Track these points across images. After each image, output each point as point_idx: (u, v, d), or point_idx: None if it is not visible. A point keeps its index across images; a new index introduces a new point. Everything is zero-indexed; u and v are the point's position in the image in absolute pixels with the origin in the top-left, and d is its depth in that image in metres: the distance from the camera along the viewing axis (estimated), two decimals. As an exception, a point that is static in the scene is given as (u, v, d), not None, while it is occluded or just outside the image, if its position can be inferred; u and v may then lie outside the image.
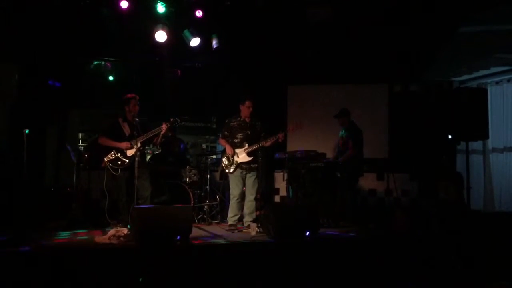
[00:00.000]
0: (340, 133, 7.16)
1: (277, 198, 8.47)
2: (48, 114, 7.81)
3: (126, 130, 6.09)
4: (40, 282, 4.11)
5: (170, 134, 7.24)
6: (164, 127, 5.91)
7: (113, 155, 5.96)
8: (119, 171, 5.93)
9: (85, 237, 5.44)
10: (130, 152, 5.94)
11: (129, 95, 6.12)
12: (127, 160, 5.93)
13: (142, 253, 4.55)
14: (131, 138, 5.94)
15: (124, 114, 6.14)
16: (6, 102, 7.23)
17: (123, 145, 5.95)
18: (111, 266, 4.37)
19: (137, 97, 6.11)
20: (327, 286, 4.73)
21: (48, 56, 7.44)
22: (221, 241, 5.37)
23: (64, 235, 5.55)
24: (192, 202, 6.79)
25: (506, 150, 8.29)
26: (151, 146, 7.41)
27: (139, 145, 5.82)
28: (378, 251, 5.20)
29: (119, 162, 5.93)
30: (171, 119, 5.98)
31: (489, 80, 8.67)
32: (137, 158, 5.70)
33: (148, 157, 7.66)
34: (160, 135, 6.01)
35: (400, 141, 8.52)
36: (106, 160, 5.94)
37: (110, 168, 5.92)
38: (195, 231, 5.65)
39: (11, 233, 4.93)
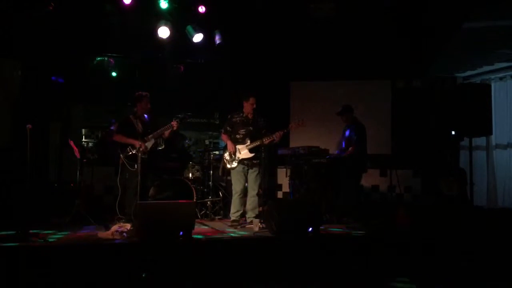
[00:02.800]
0: (344, 129, 7.15)
1: (279, 194, 8.48)
2: (51, 110, 7.81)
3: (139, 127, 6.16)
4: (44, 278, 4.13)
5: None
6: (174, 124, 6.01)
7: (129, 151, 6.00)
8: (135, 167, 5.96)
9: (88, 233, 5.45)
10: (146, 148, 6.00)
11: (142, 93, 6.22)
12: (144, 156, 5.99)
13: (145, 249, 4.57)
14: (144, 135, 6.06)
15: (135, 111, 6.19)
16: (9, 98, 7.23)
17: (137, 143, 5.99)
18: (114, 261, 4.39)
19: (148, 95, 6.21)
20: (329, 282, 4.73)
21: (51, 52, 7.44)
22: (224, 237, 5.38)
23: (67, 231, 5.56)
24: (195, 198, 6.79)
25: (509, 146, 8.27)
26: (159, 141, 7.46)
27: (153, 141, 5.97)
28: (381, 247, 5.20)
29: (136, 158, 5.94)
30: (180, 116, 6.04)
31: (492, 76, 8.63)
32: (141, 156, 5.74)
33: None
34: (170, 131, 6.11)
35: (403, 138, 8.50)
36: (122, 156, 6.00)
37: (127, 164, 5.99)
38: (198, 227, 5.67)
39: (14, 228, 4.95)
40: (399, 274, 4.78)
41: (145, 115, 6.17)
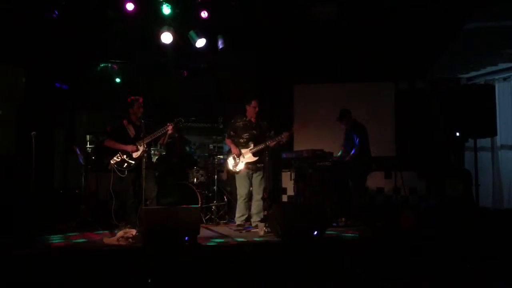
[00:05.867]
0: (345, 132, 7.15)
1: (284, 198, 8.47)
2: (56, 116, 7.85)
3: (131, 132, 6.13)
4: (49, 283, 4.13)
5: (176, 135, 7.26)
6: (169, 127, 5.96)
7: (119, 157, 6.01)
8: (126, 173, 5.97)
9: (94, 239, 5.46)
10: (136, 154, 5.98)
11: (132, 98, 6.17)
12: (133, 162, 5.98)
13: (151, 254, 4.57)
14: (136, 140, 5.99)
15: (129, 116, 6.19)
16: (13, 105, 7.26)
17: (129, 148, 6.00)
18: (120, 267, 4.40)
19: (140, 99, 6.16)
20: (334, 285, 4.72)
21: (55, 58, 7.48)
22: (229, 241, 5.38)
23: (72, 237, 5.57)
24: (199, 202, 6.79)
25: (514, 147, 8.23)
26: (157, 147, 7.45)
27: (145, 146, 5.86)
28: (386, 250, 5.18)
29: (125, 164, 5.98)
30: (176, 119, 6.02)
31: (496, 77, 8.59)
32: (143, 159, 5.74)
33: (155, 158, 7.68)
34: (166, 136, 6.05)
35: (407, 139, 8.48)
36: (112, 162, 6.00)
37: (116, 170, 5.97)
38: (203, 232, 5.66)
39: (20, 234, 4.96)
40: (404, 276, 4.76)
41: (142, 120, 6.04)
